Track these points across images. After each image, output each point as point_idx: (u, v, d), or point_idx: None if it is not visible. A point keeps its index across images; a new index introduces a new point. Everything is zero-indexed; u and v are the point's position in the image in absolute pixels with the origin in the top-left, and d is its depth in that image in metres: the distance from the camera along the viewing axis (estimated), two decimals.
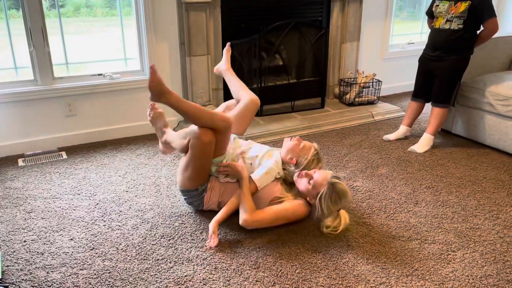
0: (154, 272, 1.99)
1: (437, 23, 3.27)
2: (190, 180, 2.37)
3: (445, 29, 3.21)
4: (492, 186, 2.81)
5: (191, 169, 2.33)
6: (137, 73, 3.61)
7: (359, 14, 4.29)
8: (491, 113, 3.32)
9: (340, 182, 2.23)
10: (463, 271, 2.01)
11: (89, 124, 3.50)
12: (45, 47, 3.21)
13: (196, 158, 2.30)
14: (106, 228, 2.32)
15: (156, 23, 3.49)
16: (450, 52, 3.22)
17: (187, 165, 2.34)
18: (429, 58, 3.36)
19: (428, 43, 3.39)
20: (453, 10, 3.17)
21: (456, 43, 3.19)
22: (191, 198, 2.44)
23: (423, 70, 3.45)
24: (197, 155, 2.29)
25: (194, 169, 2.33)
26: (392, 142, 3.54)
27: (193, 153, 2.29)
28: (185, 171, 2.36)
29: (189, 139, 2.27)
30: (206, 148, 2.27)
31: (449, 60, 3.23)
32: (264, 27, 3.76)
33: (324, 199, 2.20)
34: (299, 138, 2.51)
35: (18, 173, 2.96)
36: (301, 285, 1.91)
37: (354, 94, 4.26)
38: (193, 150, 2.28)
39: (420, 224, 2.38)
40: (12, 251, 2.12)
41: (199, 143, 2.24)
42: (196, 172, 2.34)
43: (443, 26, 3.22)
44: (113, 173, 2.97)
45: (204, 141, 2.24)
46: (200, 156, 2.29)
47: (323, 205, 2.21)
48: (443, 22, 3.22)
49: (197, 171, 2.34)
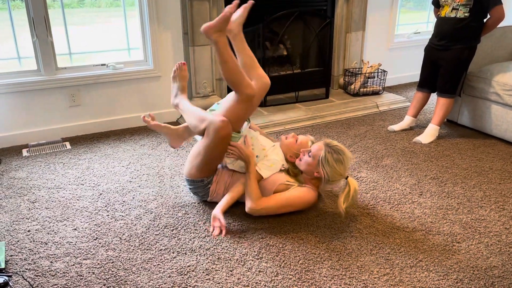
0: (157, 262, 1.99)
1: (443, 12, 3.22)
2: (198, 169, 2.34)
3: (451, 17, 3.16)
4: (498, 177, 2.78)
5: (202, 157, 2.30)
6: (140, 63, 3.59)
7: (364, 3, 4.24)
8: (497, 103, 3.28)
9: (335, 142, 2.28)
10: (468, 262, 2.00)
11: (92, 114, 3.49)
12: (48, 37, 3.19)
13: (209, 149, 2.27)
14: (109, 218, 2.33)
15: (159, 13, 3.47)
16: (456, 41, 3.17)
17: (199, 153, 2.31)
18: (434, 48, 3.32)
19: (434, 32, 3.34)
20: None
21: (462, 32, 3.14)
22: (196, 189, 2.43)
23: (429, 59, 3.40)
24: (211, 146, 2.26)
25: (204, 158, 2.30)
26: (397, 133, 3.51)
27: (207, 143, 2.26)
28: (195, 158, 2.34)
29: (206, 126, 2.24)
30: (222, 141, 2.24)
31: (454, 49, 3.19)
32: (268, 16, 3.73)
33: (325, 161, 2.22)
34: (294, 134, 2.50)
35: (22, 163, 2.96)
36: (304, 275, 1.90)
37: (359, 85, 4.23)
38: (208, 140, 2.25)
39: (425, 215, 2.37)
40: (16, 241, 2.13)
41: (216, 136, 2.21)
42: (205, 162, 2.32)
43: (448, 15, 3.17)
44: (117, 163, 2.97)
45: (222, 134, 2.21)
46: (214, 147, 2.26)
47: (327, 168, 2.22)
48: (449, 10, 3.17)
49: (206, 162, 2.32)
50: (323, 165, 2.22)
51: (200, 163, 2.32)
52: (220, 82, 3.80)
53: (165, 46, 3.57)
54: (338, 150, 2.24)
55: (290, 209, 2.31)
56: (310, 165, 2.29)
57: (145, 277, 1.89)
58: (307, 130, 3.56)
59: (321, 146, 2.27)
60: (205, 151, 2.28)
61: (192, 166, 2.37)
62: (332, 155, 2.22)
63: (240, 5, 2.38)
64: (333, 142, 2.28)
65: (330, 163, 2.21)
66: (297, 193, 2.29)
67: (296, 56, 4.26)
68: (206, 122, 2.24)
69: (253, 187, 2.25)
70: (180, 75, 2.54)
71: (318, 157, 2.24)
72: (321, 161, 2.23)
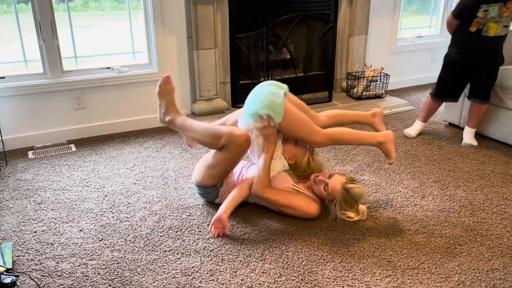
0: (161, 263, 2.01)
1: (491, 31, 3.00)
2: (212, 177, 2.35)
3: (501, 35, 3.04)
4: (500, 181, 2.79)
5: (219, 169, 2.31)
6: (145, 67, 3.63)
7: (367, 7, 4.26)
8: (500, 107, 3.30)
9: (355, 186, 2.24)
10: (469, 264, 2.01)
11: (97, 117, 3.53)
12: (54, 41, 3.23)
13: (228, 161, 2.28)
14: (114, 220, 2.35)
15: (164, 17, 3.50)
16: (498, 53, 3.14)
17: (215, 165, 2.31)
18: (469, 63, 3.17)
19: (469, 49, 3.13)
20: (506, 12, 2.96)
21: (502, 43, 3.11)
22: (207, 194, 2.45)
23: (457, 73, 3.25)
24: (230, 159, 2.27)
25: (222, 169, 2.32)
26: (399, 137, 3.53)
27: (227, 157, 2.26)
28: (210, 169, 2.34)
29: (225, 143, 2.21)
30: (243, 153, 2.26)
31: (495, 58, 3.14)
32: (272, 20, 3.76)
33: (339, 205, 2.24)
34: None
35: (28, 165, 2.99)
36: (307, 277, 1.92)
37: (362, 88, 4.25)
38: (228, 154, 2.25)
39: (427, 218, 2.38)
40: (23, 242, 2.15)
41: (239, 150, 2.21)
42: (222, 172, 2.34)
43: (499, 33, 3.02)
44: (122, 165, 3.00)
45: (245, 147, 2.22)
46: (233, 159, 2.28)
47: (338, 211, 2.24)
48: (499, 28, 2.99)
49: (223, 172, 2.34)
50: (336, 206, 2.25)
51: (217, 173, 2.33)
52: (224, 85, 3.82)
53: (169, 50, 3.60)
54: (356, 196, 2.23)
55: (290, 212, 2.32)
56: (324, 196, 2.33)
57: (150, 278, 1.91)
58: None
59: (339, 188, 2.24)
60: (224, 164, 2.29)
61: (206, 175, 2.36)
62: (346, 201, 2.24)
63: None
64: (352, 185, 2.23)
65: (343, 208, 2.24)
66: (303, 201, 2.31)
67: (299, 60, 4.28)
68: (224, 139, 2.21)
69: (266, 172, 2.26)
70: (166, 89, 2.40)
71: (333, 196, 2.26)
72: (335, 203, 2.25)
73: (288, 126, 2.28)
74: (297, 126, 2.29)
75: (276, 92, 2.27)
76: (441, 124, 3.81)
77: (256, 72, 3.89)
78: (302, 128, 2.29)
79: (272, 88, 2.30)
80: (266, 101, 2.24)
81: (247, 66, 3.92)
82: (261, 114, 2.25)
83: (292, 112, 2.27)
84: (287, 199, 2.29)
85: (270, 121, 2.24)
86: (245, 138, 2.20)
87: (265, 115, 2.24)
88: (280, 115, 2.24)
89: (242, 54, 3.84)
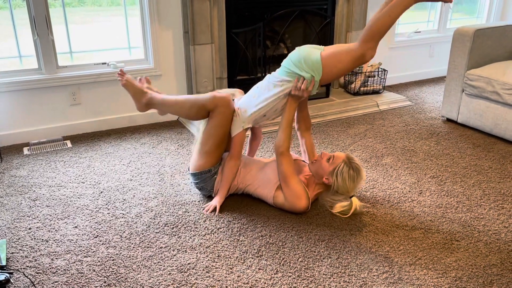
0: (157, 259, 2.00)
1: None
2: (208, 156, 2.35)
3: None
4: (498, 176, 2.79)
5: (214, 139, 2.31)
6: (141, 62, 3.60)
7: (365, 2, 4.24)
8: (497, 102, 3.29)
9: (356, 160, 2.31)
10: (466, 260, 2.00)
11: (93, 113, 3.50)
12: (49, 36, 3.20)
13: (218, 127, 2.29)
14: (110, 216, 2.34)
15: (160, 12, 3.48)
16: None
17: (209, 135, 2.33)
18: None
19: None
20: None
21: None
22: (203, 182, 2.43)
23: None
24: (220, 124, 2.28)
25: (216, 138, 2.32)
26: (397, 132, 3.51)
27: (216, 122, 2.29)
28: (206, 144, 2.35)
29: (211, 108, 2.26)
30: (230, 114, 2.30)
31: None
32: (269, 15, 3.73)
33: (340, 172, 2.25)
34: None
35: (23, 162, 2.97)
36: (303, 273, 1.91)
37: (360, 84, 4.23)
38: (217, 119, 2.28)
39: (424, 214, 2.37)
40: (17, 238, 2.14)
41: (226, 111, 2.26)
42: (217, 144, 2.34)
43: None
44: (117, 161, 2.98)
45: (231, 107, 2.28)
46: (223, 123, 2.29)
47: (339, 179, 2.25)
48: None
49: (218, 143, 2.34)
50: (337, 175, 2.26)
51: (212, 148, 2.34)
52: (221, 80, 3.80)
53: (165, 45, 3.58)
54: (356, 168, 2.27)
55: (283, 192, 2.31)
56: (324, 170, 2.31)
57: (145, 275, 1.90)
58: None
59: (342, 157, 2.30)
60: (216, 130, 2.30)
61: (202, 154, 2.37)
62: (349, 169, 2.26)
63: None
64: (354, 158, 2.31)
65: (344, 176, 2.25)
66: (301, 189, 2.29)
67: None
68: (209, 103, 2.26)
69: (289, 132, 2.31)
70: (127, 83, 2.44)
71: (335, 166, 2.27)
72: (337, 171, 2.26)
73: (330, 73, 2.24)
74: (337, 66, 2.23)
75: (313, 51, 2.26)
76: (439, 119, 3.80)
77: (253, 68, 3.87)
78: (343, 62, 2.22)
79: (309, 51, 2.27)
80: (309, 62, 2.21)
81: (244, 62, 3.90)
82: (304, 75, 2.22)
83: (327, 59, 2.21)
84: (292, 176, 2.28)
85: (310, 85, 2.22)
86: (228, 98, 2.26)
87: (308, 76, 2.22)
88: (320, 72, 2.22)
89: (239, 49, 3.81)
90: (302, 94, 2.25)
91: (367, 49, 2.17)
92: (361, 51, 2.17)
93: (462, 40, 3.45)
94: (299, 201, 2.29)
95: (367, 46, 2.16)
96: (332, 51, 2.23)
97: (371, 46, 2.17)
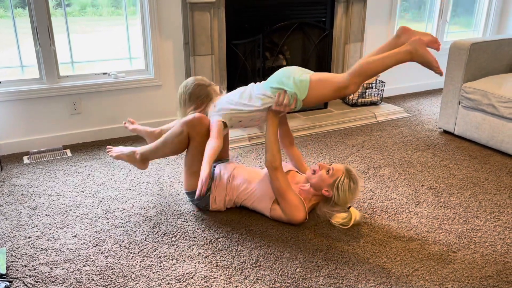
0: (156, 269, 2.01)
1: None
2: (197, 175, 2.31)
3: None
4: (494, 188, 2.81)
5: (198, 159, 2.29)
6: (141, 72, 3.64)
7: (363, 15, 4.29)
8: (493, 115, 3.33)
9: (355, 171, 2.36)
10: (463, 271, 2.02)
11: (94, 122, 3.53)
12: (51, 46, 3.24)
13: (202, 145, 2.29)
14: (109, 225, 2.35)
15: (161, 23, 3.52)
16: None
17: (192, 159, 2.36)
18: None
19: None
20: None
21: None
22: (197, 200, 2.45)
23: None
24: (203, 141, 2.30)
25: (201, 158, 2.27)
26: (394, 143, 3.55)
27: (196, 143, 2.33)
28: (191, 167, 2.38)
29: (186, 129, 2.30)
30: (206, 131, 2.32)
31: None
32: (268, 27, 3.78)
33: (341, 184, 2.28)
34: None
35: (23, 170, 2.99)
36: (301, 283, 1.92)
37: (357, 95, 4.27)
38: (196, 140, 2.33)
39: (421, 225, 2.39)
40: (17, 247, 2.15)
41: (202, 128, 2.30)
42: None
43: None
44: (117, 171, 3.00)
45: (206, 123, 2.32)
46: (205, 140, 2.30)
47: (340, 191, 2.28)
48: None
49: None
50: (338, 187, 2.28)
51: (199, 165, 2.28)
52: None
53: (166, 56, 3.62)
54: (356, 180, 2.31)
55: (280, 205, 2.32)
56: (323, 182, 2.32)
57: (144, 284, 1.91)
58: (306, 140, 3.59)
59: (342, 169, 2.33)
60: (198, 149, 2.32)
61: (191, 174, 2.40)
62: (349, 182, 2.29)
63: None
64: (353, 170, 2.35)
65: (344, 189, 2.28)
66: (297, 201, 2.31)
67: None
68: (184, 128, 2.31)
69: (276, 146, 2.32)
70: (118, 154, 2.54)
71: (335, 178, 2.30)
72: (337, 183, 2.28)
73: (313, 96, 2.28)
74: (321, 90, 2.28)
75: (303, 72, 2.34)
76: (436, 131, 3.83)
77: (252, 79, 3.90)
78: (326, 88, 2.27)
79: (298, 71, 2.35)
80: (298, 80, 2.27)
81: (243, 73, 3.94)
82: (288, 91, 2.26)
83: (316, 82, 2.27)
84: (288, 189, 2.30)
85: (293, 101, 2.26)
86: (199, 115, 2.31)
87: (292, 92, 2.26)
88: (305, 92, 2.26)
89: (238, 61, 3.86)
90: (285, 109, 2.29)
91: (352, 83, 2.23)
92: (347, 82, 2.22)
93: (459, 53, 3.50)
94: (297, 213, 2.31)
95: (353, 81, 2.23)
96: (321, 77, 2.30)
97: (356, 82, 2.23)
